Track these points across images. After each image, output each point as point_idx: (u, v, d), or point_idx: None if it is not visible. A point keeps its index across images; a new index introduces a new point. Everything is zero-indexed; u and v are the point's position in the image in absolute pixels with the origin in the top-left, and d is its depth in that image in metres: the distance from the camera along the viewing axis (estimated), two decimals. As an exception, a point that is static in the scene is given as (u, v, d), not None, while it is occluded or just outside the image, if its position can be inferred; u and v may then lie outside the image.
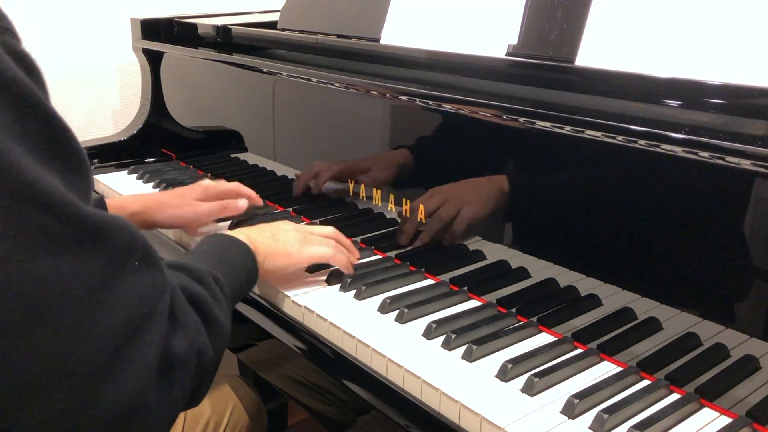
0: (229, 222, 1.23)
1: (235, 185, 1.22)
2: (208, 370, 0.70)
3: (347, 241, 1.06)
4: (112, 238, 0.59)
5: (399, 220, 1.11)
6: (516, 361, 0.81)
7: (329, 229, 1.05)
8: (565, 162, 0.90)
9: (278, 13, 1.45)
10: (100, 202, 1.10)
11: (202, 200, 1.18)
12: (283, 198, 1.32)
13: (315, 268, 1.05)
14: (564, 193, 0.90)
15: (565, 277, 0.92)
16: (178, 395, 0.65)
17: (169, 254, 1.19)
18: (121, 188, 1.46)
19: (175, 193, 1.20)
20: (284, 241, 0.97)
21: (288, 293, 0.99)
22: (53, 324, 0.55)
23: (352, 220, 1.18)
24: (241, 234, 0.94)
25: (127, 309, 0.59)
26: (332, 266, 1.04)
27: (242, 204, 1.18)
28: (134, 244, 0.61)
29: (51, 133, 0.56)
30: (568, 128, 0.84)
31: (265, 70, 1.32)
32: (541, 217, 0.94)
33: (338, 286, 1.01)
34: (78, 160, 0.59)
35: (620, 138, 0.79)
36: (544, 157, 0.92)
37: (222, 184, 1.22)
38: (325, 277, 1.03)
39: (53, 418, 0.55)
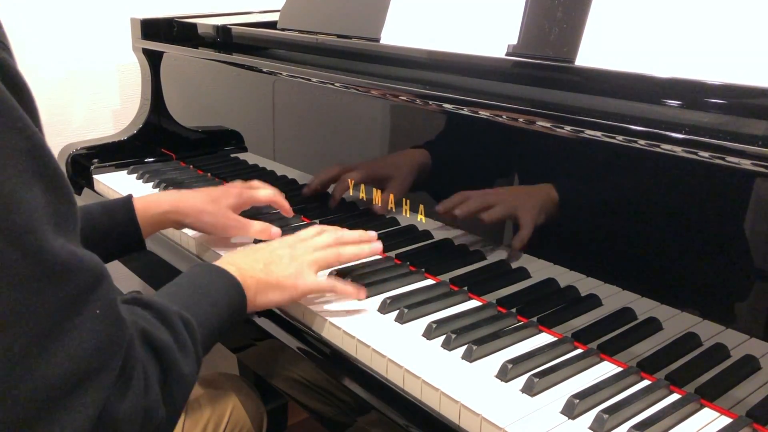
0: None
1: (270, 196, 1.18)
2: (158, 428, 0.63)
3: (354, 236, 1.00)
4: (74, 279, 0.52)
5: (399, 219, 1.11)
6: (516, 361, 0.81)
7: (329, 241, 0.97)
8: (565, 162, 0.90)
9: (278, 13, 1.45)
10: (127, 201, 1.08)
11: (236, 207, 1.14)
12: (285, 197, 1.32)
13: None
14: (564, 193, 0.90)
15: (565, 277, 0.92)
16: None
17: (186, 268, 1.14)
18: (121, 188, 1.46)
19: (207, 196, 1.14)
20: (278, 273, 0.91)
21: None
22: None
23: (352, 220, 1.18)
24: (232, 265, 0.87)
25: (74, 361, 0.52)
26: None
27: (275, 231, 1.13)
28: (99, 290, 0.54)
29: (30, 148, 0.51)
30: (568, 128, 0.84)
31: (265, 70, 1.32)
32: (541, 218, 0.94)
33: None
34: (61, 184, 0.54)
35: (620, 138, 0.79)
36: (544, 157, 0.92)
37: (256, 194, 1.17)
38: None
39: None
